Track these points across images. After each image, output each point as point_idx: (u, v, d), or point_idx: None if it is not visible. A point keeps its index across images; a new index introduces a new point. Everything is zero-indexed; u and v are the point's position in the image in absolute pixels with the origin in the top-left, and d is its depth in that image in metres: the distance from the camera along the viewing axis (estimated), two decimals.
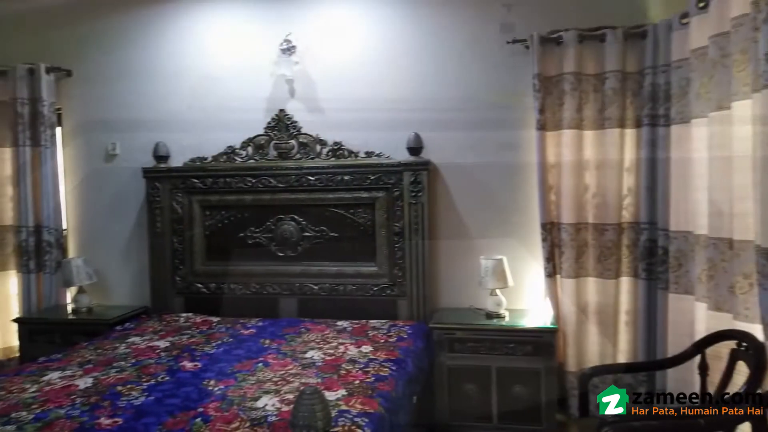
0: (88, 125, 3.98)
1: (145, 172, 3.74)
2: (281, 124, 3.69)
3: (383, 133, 3.61)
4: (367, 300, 3.57)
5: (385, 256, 3.55)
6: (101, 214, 3.98)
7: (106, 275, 3.95)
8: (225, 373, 2.53)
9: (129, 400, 2.21)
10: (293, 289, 3.65)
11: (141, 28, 3.87)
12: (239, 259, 3.73)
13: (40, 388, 2.39)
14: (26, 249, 3.79)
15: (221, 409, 2.11)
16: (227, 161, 3.74)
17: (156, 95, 3.87)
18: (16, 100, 3.76)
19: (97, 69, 3.93)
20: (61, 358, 2.83)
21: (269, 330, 3.26)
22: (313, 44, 3.66)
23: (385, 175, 3.50)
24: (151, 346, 2.97)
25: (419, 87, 3.60)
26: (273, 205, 3.67)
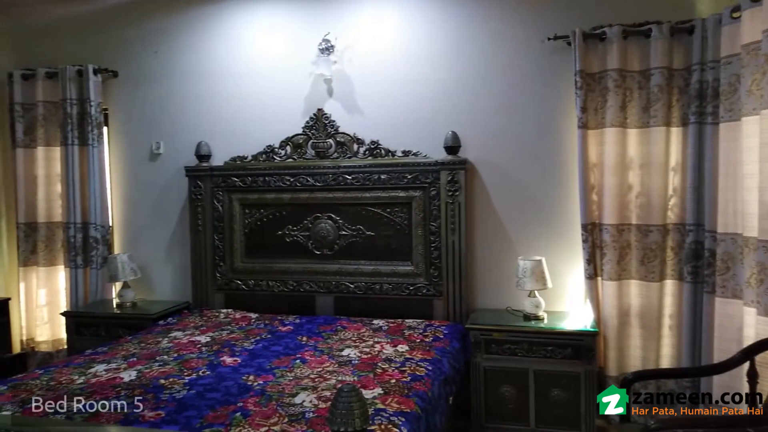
0: (133, 125, 4.11)
1: (188, 171, 3.83)
2: (319, 123, 3.72)
3: (420, 132, 3.60)
4: (403, 299, 3.57)
5: (421, 255, 3.54)
6: (145, 212, 4.10)
7: (149, 271, 4.07)
8: (263, 369, 2.57)
9: (171, 394, 2.26)
10: (329, 287, 3.68)
11: (184, 30, 3.96)
12: (277, 257, 3.78)
13: (87, 379, 2.48)
14: (74, 245, 3.93)
15: (260, 404, 2.14)
16: (266, 160, 3.80)
17: (198, 95, 3.96)
18: (65, 100, 3.90)
19: (142, 70, 4.04)
20: (106, 351, 2.93)
21: (306, 327, 3.29)
22: (351, 43, 3.68)
23: (422, 174, 3.49)
24: (193, 341, 3.04)
25: (457, 85, 3.57)
26: (310, 203, 3.71)
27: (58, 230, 4.04)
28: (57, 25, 4.15)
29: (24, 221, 4.04)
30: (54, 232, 4.06)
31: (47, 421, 1.86)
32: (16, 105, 4.00)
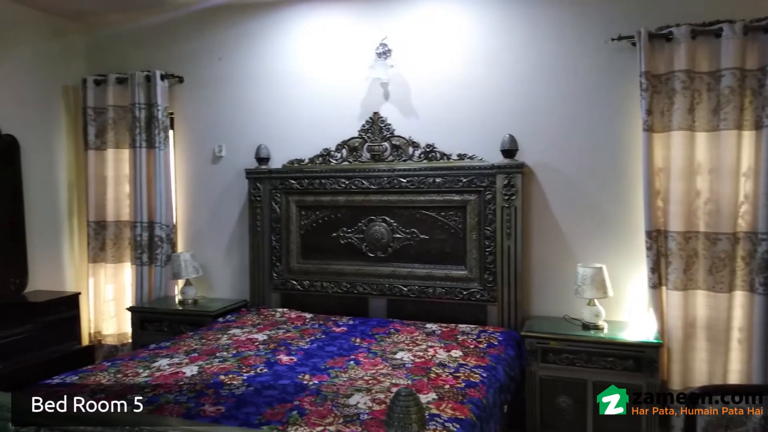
0: (197, 128, 4.26)
1: (248, 173, 3.94)
2: (375, 126, 3.75)
3: (476, 135, 3.57)
4: (456, 304, 3.54)
5: (475, 260, 3.50)
6: (207, 212, 4.24)
7: (209, 269, 4.20)
8: (318, 369, 2.60)
9: (231, 390, 2.33)
10: (383, 289, 3.69)
11: (246, 37, 4.08)
12: (331, 259, 3.83)
13: (151, 373, 2.58)
14: (140, 243, 4.11)
15: (316, 404, 2.17)
16: (323, 163, 3.85)
17: (259, 100, 4.07)
18: (134, 105, 4.09)
19: (207, 76, 4.19)
20: (169, 346, 3.04)
21: (359, 329, 3.32)
22: (408, 47, 3.69)
23: (477, 178, 3.46)
24: (251, 339, 3.12)
25: (515, 87, 3.52)
26: (365, 206, 3.74)
27: (126, 229, 4.23)
28: (127, 33, 4.35)
29: (94, 220, 4.26)
30: (122, 230, 4.25)
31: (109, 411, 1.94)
32: (89, 109, 4.23)
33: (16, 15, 3.97)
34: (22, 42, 4.02)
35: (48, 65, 4.23)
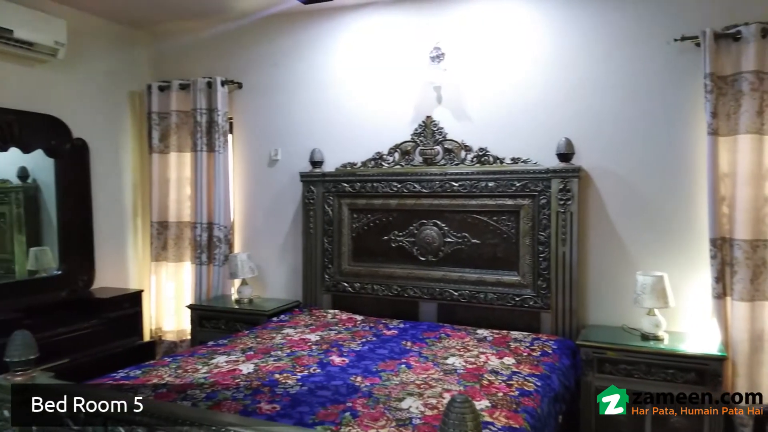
0: (254, 133, 4.38)
1: (302, 176, 4.02)
2: (427, 130, 3.75)
3: (531, 139, 3.52)
4: (508, 310, 3.49)
5: (528, 265, 3.45)
6: (263, 214, 4.36)
7: (264, 270, 4.31)
8: (370, 371, 2.63)
9: (285, 388, 2.38)
10: (433, 293, 3.69)
11: (301, 43, 4.17)
12: (382, 262, 3.86)
13: (209, 369, 2.67)
14: (200, 243, 4.26)
15: (368, 406, 2.19)
16: (375, 167, 3.89)
17: (313, 104, 4.15)
18: (195, 110, 4.24)
19: (264, 81, 4.31)
20: (226, 343, 3.14)
21: (410, 332, 3.32)
22: (461, 51, 3.68)
23: (531, 182, 3.40)
24: (304, 339, 3.18)
25: (572, 89, 3.45)
26: (416, 209, 3.74)
27: (187, 229, 4.40)
28: (189, 41, 4.53)
29: (157, 220, 4.45)
30: (182, 230, 4.42)
31: (175, 406, 2.02)
32: (153, 114, 4.42)
33: (88, 25, 4.20)
34: (92, 51, 4.25)
35: (116, 72, 4.46)
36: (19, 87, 3.72)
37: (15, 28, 3.47)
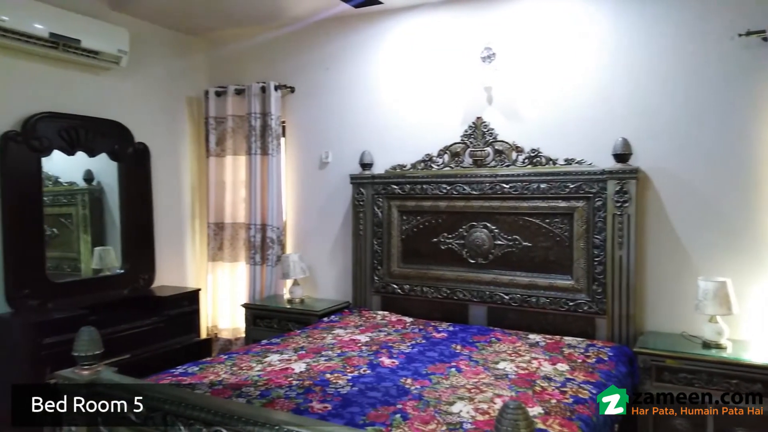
0: (306, 136, 4.47)
1: (352, 178, 4.06)
2: (477, 131, 3.72)
3: (585, 139, 3.43)
4: (561, 315, 3.42)
5: (582, 269, 3.36)
6: (313, 216, 4.43)
7: (315, 270, 4.38)
8: (420, 374, 2.62)
9: (336, 388, 2.41)
10: (483, 297, 3.65)
11: (350, 45, 4.22)
12: (431, 264, 3.85)
13: (263, 368, 2.74)
14: (254, 244, 4.38)
15: (418, 409, 2.19)
16: (424, 168, 3.88)
17: (363, 107, 4.19)
18: (250, 114, 4.37)
19: (315, 85, 4.38)
20: (279, 342, 3.21)
21: (460, 336, 3.30)
22: (512, 51, 3.63)
23: (586, 184, 3.32)
24: (354, 339, 3.21)
25: (629, 87, 3.35)
26: (466, 211, 3.71)
27: (241, 230, 4.52)
28: (244, 47, 4.67)
29: (213, 221, 4.60)
30: (237, 231, 4.55)
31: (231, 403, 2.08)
32: (210, 119, 4.57)
33: (149, 33, 4.38)
34: (153, 58, 4.43)
35: (175, 79, 4.64)
36: (85, 94, 3.92)
37: (82, 37, 3.66)
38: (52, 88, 3.71)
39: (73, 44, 3.63)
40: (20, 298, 3.45)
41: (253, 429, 1.75)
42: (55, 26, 3.51)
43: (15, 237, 3.46)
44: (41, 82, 3.65)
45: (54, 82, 3.72)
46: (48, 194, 3.76)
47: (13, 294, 3.43)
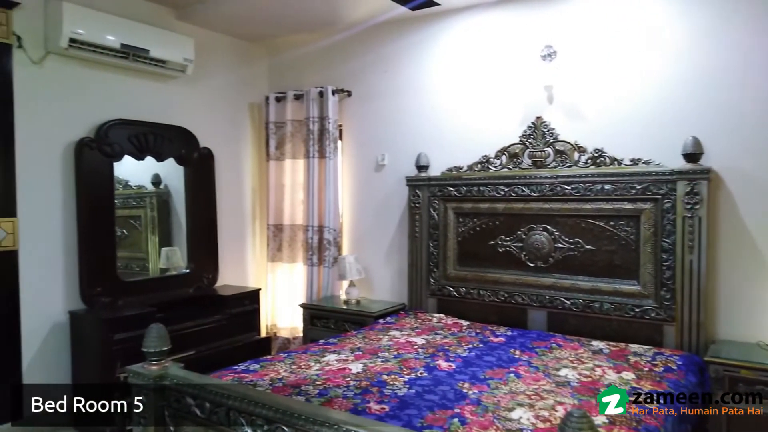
0: (362, 138, 4.51)
1: (408, 180, 4.06)
2: (537, 132, 3.64)
3: (653, 138, 3.29)
4: (627, 321, 3.28)
5: (649, 274, 3.22)
6: (370, 218, 4.46)
7: (371, 272, 4.41)
8: (478, 378, 2.59)
9: (393, 390, 2.41)
10: (543, 301, 3.56)
11: (406, 48, 4.23)
12: (489, 267, 3.79)
13: (321, 367, 2.77)
14: (311, 245, 4.45)
15: (476, 414, 2.16)
16: (481, 170, 3.83)
17: (419, 109, 4.18)
18: (308, 118, 4.45)
19: (372, 88, 4.42)
20: (336, 342, 3.25)
21: (518, 341, 3.23)
22: (573, 48, 3.54)
23: (653, 185, 3.18)
24: (410, 342, 3.20)
25: (698, 84, 3.19)
26: (524, 214, 3.64)
27: (299, 232, 4.61)
28: (303, 53, 4.76)
29: (273, 223, 4.71)
30: (296, 233, 4.64)
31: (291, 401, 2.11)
32: (270, 123, 4.69)
33: (212, 42, 4.55)
34: (216, 66, 4.59)
35: (237, 85, 4.79)
36: (153, 101, 4.11)
37: (151, 47, 3.84)
38: (123, 96, 3.91)
39: (142, 54, 3.81)
40: (93, 295, 3.65)
41: (313, 427, 1.77)
42: (125, 37, 3.70)
43: (89, 238, 3.66)
44: (113, 91, 3.85)
45: (124, 91, 3.92)
46: (119, 197, 3.96)
47: (87, 292, 3.63)
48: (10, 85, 3.31)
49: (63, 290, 3.59)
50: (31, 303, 3.41)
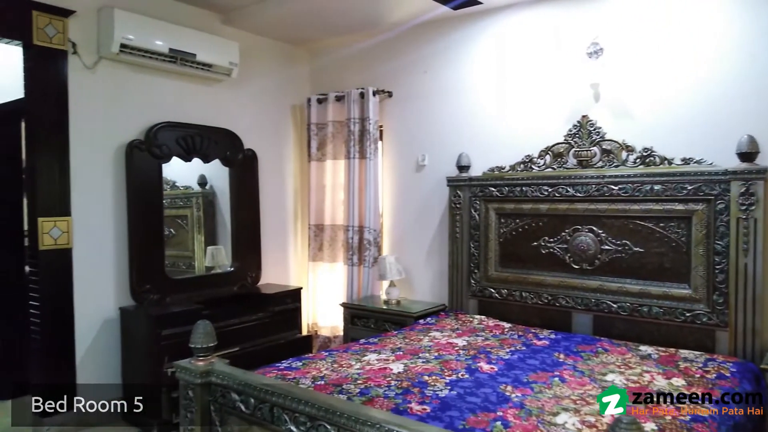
0: (402, 139, 4.51)
1: (449, 180, 4.04)
2: (583, 130, 3.55)
3: (705, 137, 3.18)
4: (677, 326, 3.17)
5: (701, 278, 3.10)
6: (410, 218, 4.46)
7: (411, 272, 4.40)
8: (521, 381, 2.54)
9: (434, 391, 2.40)
10: (588, 304, 3.47)
11: (447, 48, 4.20)
12: (531, 268, 3.72)
13: (362, 366, 2.78)
14: (352, 245, 4.48)
15: (520, 417, 2.12)
16: (524, 170, 3.77)
17: (460, 109, 4.15)
18: (349, 119, 4.48)
19: (412, 89, 4.41)
20: (376, 342, 3.25)
21: (563, 344, 3.16)
22: (621, 44, 3.44)
23: (705, 185, 3.06)
24: (450, 343, 3.18)
25: (754, 81, 3.06)
26: (569, 215, 3.56)
27: (340, 232, 4.65)
28: (344, 55, 4.81)
29: (314, 223, 4.76)
30: (336, 233, 4.68)
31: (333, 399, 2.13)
32: (312, 125, 4.75)
33: (256, 46, 4.63)
34: (260, 69, 4.68)
35: (280, 87, 4.86)
36: (200, 104, 4.21)
37: (197, 52, 3.94)
38: (171, 99, 4.02)
39: (189, 58, 3.91)
40: (143, 292, 3.77)
41: (355, 426, 1.78)
42: (173, 42, 3.80)
43: (139, 237, 3.78)
44: (161, 94, 3.97)
45: (172, 94, 4.03)
46: (166, 197, 4.07)
47: (137, 289, 3.75)
48: (65, 90, 3.46)
49: (114, 287, 3.72)
50: (84, 299, 3.55)
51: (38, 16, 3.31)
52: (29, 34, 3.29)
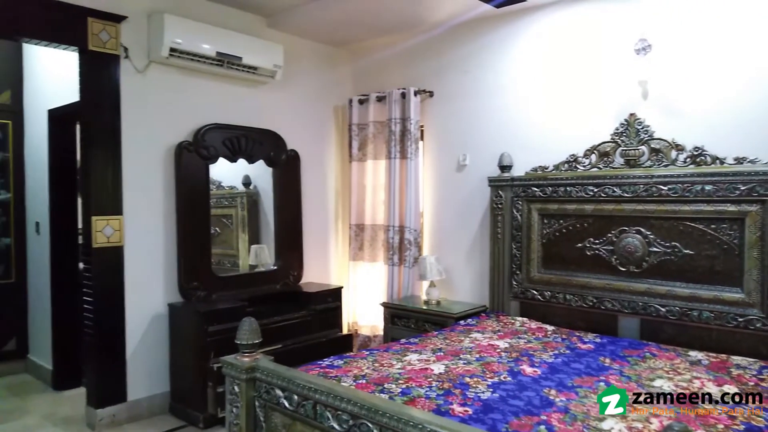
0: (444, 139, 4.49)
1: (490, 180, 4.00)
2: (630, 129, 3.46)
3: (760, 136, 3.05)
4: (729, 332, 3.06)
5: (755, 281, 2.98)
6: (450, 218, 4.44)
7: (451, 273, 4.38)
8: (565, 385, 2.50)
9: (476, 393, 2.38)
10: (635, 308, 3.38)
11: (488, 47, 4.17)
12: (575, 270, 3.65)
13: (403, 366, 2.78)
14: (392, 245, 4.50)
15: (564, 422, 2.09)
16: (568, 170, 3.70)
17: (502, 108, 4.11)
18: (390, 120, 4.49)
19: (454, 89, 4.39)
20: (417, 342, 3.25)
21: (608, 348, 3.09)
22: (671, 41, 3.34)
23: (760, 185, 2.94)
24: (492, 345, 3.15)
25: None
26: (615, 215, 3.48)
27: (380, 232, 4.67)
28: (385, 56, 4.83)
29: (355, 223, 4.80)
30: (377, 233, 4.70)
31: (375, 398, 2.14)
32: (353, 125, 4.79)
33: (299, 48, 4.70)
34: (303, 70, 4.75)
35: (322, 89, 4.93)
36: (245, 106, 4.31)
37: (243, 55, 4.03)
38: (218, 101, 4.12)
39: (235, 61, 4.00)
40: (190, 289, 3.88)
41: (398, 425, 1.79)
42: (220, 46, 3.90)
43: (187, 235, 3.89)
44: (208, 97, 4.07)
45: (219, 96, 4.14)
46: (212, 197, 4.18)
47: (185, 286, 3.87)
48: (117, 93, 3.60)
49: (163, 283, 3.84)
50: (135, 295, 3.69)
51: (93, 22, 3.46)
52: (85, 40, 3.44)
